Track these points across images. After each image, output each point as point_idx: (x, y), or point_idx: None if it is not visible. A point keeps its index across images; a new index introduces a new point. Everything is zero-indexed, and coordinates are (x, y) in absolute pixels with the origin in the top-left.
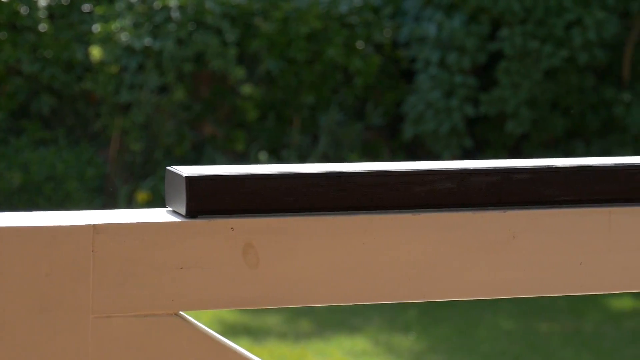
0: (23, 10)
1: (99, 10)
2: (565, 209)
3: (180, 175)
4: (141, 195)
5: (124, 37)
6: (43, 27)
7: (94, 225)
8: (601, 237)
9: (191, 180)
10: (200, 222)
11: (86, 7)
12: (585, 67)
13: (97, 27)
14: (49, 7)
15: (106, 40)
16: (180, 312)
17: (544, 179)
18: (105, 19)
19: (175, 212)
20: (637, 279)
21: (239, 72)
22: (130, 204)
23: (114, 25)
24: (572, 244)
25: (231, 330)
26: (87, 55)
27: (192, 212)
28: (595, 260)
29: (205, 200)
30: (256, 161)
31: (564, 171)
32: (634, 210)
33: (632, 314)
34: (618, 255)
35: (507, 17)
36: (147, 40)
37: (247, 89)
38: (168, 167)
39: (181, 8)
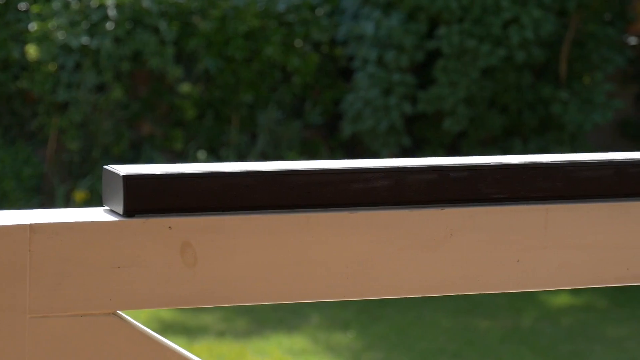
0: None
1: (35, 8)
2: (503, 207)
3: (118, 174)
4: (79, 195)
5: (60, 35)
6: None
7: (31, 225)
8: (538, 234)
9: (128, 179)
10: (137, 222)
11: (22, 6)
12: (522, 65)
13: (33, 26)
14: None
15: (43, 38)
16: (118, 311)
17: (481, 177)
18: (41, 18)
19: (112, 212)
20: (573, 276)
21: (177, 71)
22: (68, 203)
23: (51, 24)
24: (509, 241)
25: (169, 329)
26: (23, 54)
27: (130, 211)
28: (532, 257)
29: (143, 199)
30: (195, 160)
31: (501, 169)
32: (570, 207)
33: (569, 310)
34: (555, 252)
35: (444, 16)
36: (84, 39)
37: (185, 88)
38: (105, 166)
39: (118, 6)
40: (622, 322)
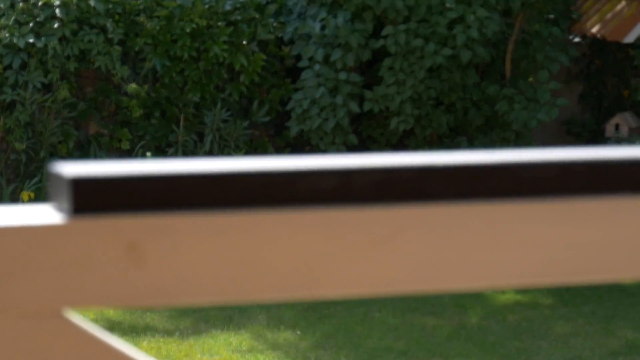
0: None
1: None
2: (449, 205)
3: (63, 174)
4: (26, 195)
5: (6, 35)
6: None
7: None
8: (484, 233)
9: (74, 178)
10: (83, 221)
11: None
12: (468, 64)
13: None
14: None
15: None
16: (65, 311)
17: (428, 175)
18: None
19: (58, 211)
20: (518, 274)
21: (124, 71)
22: (15, 203)
23: None
24: (455, 240)
25: (116, 329)
26: None
27: (76, 211)
28: (478, 255)
29: (89, 198)
30: (142, 159)
31: (447, 167)
32: (515, 206)
33: (515, 308)
34: (500, 251)
35: (390, 15)
36: (31, 39)
37: (132, 87)
38: (51, 166)
39: (65, 6)
40: (568, 320)
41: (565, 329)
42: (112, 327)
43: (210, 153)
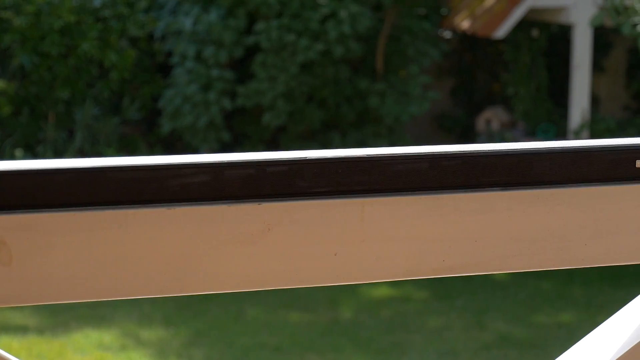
0: None
1: None
2: (320, 200)
3: None
4: None
5: None
6: None
7: None
8: (355, 228)
9: None
10: None
11: None
12: (340, 59)
13: None
14: None
15: None
16: None
17: (298, 171)
18: None
19: None
20: (391, 269)
21: None
22: None
23: None
24: (326, 235)
25: None
26: None
27: None
28: (350, 250)
29: None
30: (11, 157)
31: (317, 163)
32: (386, 200)
33: (389, 302)
34: (372, 246)
35: (263, 11)
36: None
37: None
38: None
39: None
40: (441, 313)
41: (439, 323)
42: None
43: (80, 150)
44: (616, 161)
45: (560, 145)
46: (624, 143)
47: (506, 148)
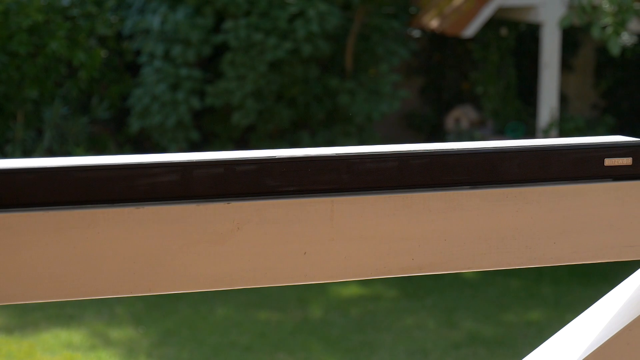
0: None
1: None
2: (289, 199)
3: None
4: None
5: None
6: None
7: None
8: (324, 227)
9: None
10: None
11: None
12: (309, 58)
13: None
14: None
15: None
16: None
17: (267, 170)
18: None
19: None
20: (360, 267)
21: None
22: None
23: None
24: (296, 234)
25: None
26: None
27: None
28: (319, 249)
29: None
30: None
31: (286, 162)
32: (355, 199)
33: (359, 301)
34: (341, 244)
35: (231, 10)
36: None
37: None
38: None
39: None
40: (411, 312)
41: (409, 322)
42: None
43: (49, 149)
44: (584, 160)
45: (529, 144)
46: (593, 142)
47: (475, 147)
